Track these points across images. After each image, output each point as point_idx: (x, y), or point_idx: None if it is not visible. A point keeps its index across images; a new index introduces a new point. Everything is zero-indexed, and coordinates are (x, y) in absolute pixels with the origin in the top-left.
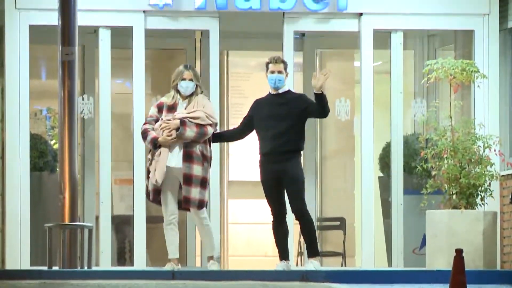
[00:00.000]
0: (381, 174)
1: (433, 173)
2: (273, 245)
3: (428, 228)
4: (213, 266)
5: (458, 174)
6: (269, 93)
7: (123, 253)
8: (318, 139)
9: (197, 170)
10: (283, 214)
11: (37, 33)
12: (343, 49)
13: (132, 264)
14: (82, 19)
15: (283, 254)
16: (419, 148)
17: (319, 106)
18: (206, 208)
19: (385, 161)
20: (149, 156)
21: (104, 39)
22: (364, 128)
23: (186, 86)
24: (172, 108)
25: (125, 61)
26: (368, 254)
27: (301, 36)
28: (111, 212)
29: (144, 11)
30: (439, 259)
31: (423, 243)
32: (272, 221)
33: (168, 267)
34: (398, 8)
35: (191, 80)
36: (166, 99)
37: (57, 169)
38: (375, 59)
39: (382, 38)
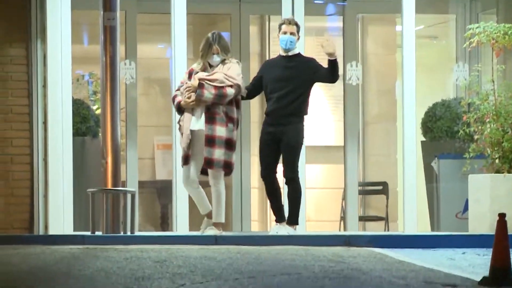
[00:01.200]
0: (423, 139)
1: (476, 137)
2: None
3: (470, 193)
4: (210, 231)
5: (501, 138)
6: (279, 54)
7: (165, 217)
8: (360, 104)
9: (220, 131)
10: (273, 176)
11: None
12: (385, 13)
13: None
14: None
15: (279, 216)
16: (461, 112)
17: (331, 72)
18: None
19: (427, 125)
20: (178, 121)
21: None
22: (406, 93)
23: (215, 60)
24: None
25: (167, 26)
26: (410, 218)
27: (342, 1)
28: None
29: None
30: (482, 224)
31: (466, 208)
32: (265, 183)
33: (204, 223)
34: None
35: (218, 53)
36: (196, 65)
37: (100, 134)
38: (416, 24)
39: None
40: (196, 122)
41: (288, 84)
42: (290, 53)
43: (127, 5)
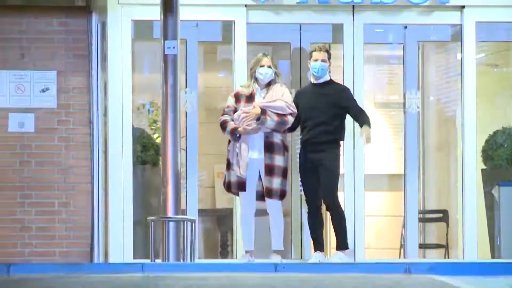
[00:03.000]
0: (484, 167)
1: None
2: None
3: None
4: (275, 259)
5: None
6: (310, 82)
7: (225, 245)
8: (420, 131)
9: (279, 160)
10: (317, 205)
11: (139, 28)
12: (446, 41)
13: (234, 257)
14: (184, 13)
15: (317, 245)
16: None
17: (359, 120)
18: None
19: (487, 153)
20: (229, 147)
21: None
22: (467, 121)
23: (266, 73)
24: (250, 98)
25: (227, 55)
26: (471, 246)
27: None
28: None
29: (246, 5)
30: None
31: None
32: (308, 211)
33: (244, 259)
34: (500, 0)
35: (269, 67)
36: (244, 89)
37: (160, 163)
38: (477, 51)
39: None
40: (254, 151)
41: (321, 111)
42: (321, 80)
43: (188, 34)
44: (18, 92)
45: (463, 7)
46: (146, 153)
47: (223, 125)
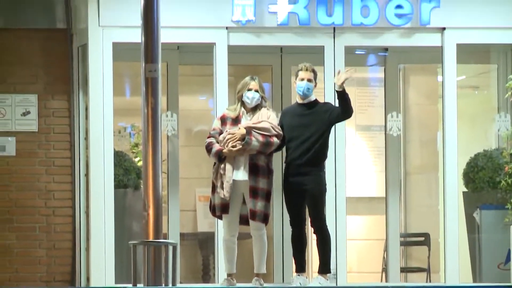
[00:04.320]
0: (465, 189)
1: None
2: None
3: None
4: (257, 283)
5: None
6: (296, 102)
7: (207, 269)
8: (402, 154)
9: (263, 183)
10: (301, 226)
11: (120, 51)
12: (426, 63)
13: (216, 281)
14: (165, 36)
15: (299, 266)
16: (503, 162)
17: (341, 105)
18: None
19: (469, 176)
20: (213, 169)
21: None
22: (448, 143)
23: (252, 97)
24: (236, 121)
25: (209, 77)
26: (452, 270)
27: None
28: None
29: (227, 28)
30: None
31: (508, 258)
32: (291, 232)
33: (225, 283)
34: (481, 22)
35: (257, 91)
36: (230, 112)
37: (141, 186)
38: (458, 74)
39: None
40: (238, 172)
41: (305, 132)
42: (306, 101)
43: (169, 57)
44: None
45: (444, 29)
46: (128, 176)
47: (208, 148)
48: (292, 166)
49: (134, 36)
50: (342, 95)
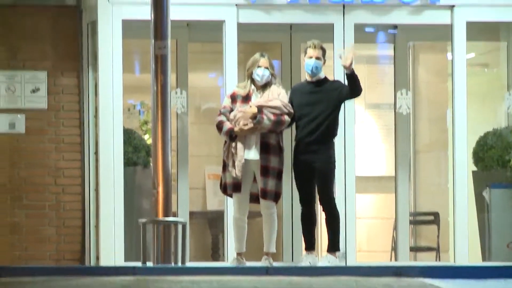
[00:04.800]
0: (475, 168)
1: None
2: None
3: None
4: (266, 262)
5: None
6: (305, 79)
7: (216, 248)
8: (411, 132)
9: (274, 161)
10: (311, 204)
11: (130, 28)
12: (436, 41)
13: (225, 259)
14: (174, 13)
15: (309, 244)
16: None
17: (351, 87)
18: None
19: (478, 155)
20: (224, 148)
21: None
22: (457, 122)
23: (262, 74)
24: (246, 98)
25: (218, 55)
26: (462, 249)
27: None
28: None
29: (236, 5)
30: None
31: None
32: (301, 210)
33: (235, 262)
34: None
35: (266, 68)
36: (240, 89)
37: (151, 164)
38: (468, 51)
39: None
40: (250, 151)
41: (314, 109)
42: (315, 79)
43: (178, 34)
44: (8, 93)
45: (453, 6)
46: (137, 154)
47: (219, 126)
48: (302, 144)
49: (144, 13)
50: (351, 76)
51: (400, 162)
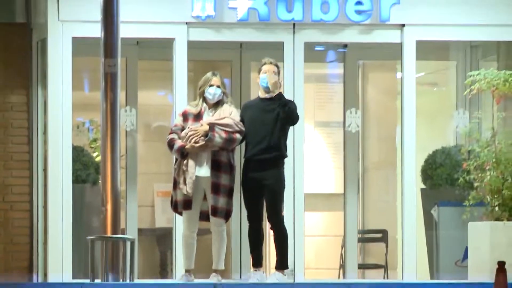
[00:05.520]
0: (423, 186)
1: (476, 184)
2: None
3: (470, 240)
4: (214, 279)
5: (501, 185)
6: (258, 96)
7: (164, 265)
8: (360, 150)
9: (225, 179)
10: (259, 221)
11: (79, 45)
12: (386, 60)
13: (174, 276)
14: (124, 31)
15: (256, 261)
16: (461, 159)
17: (284, 113)
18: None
19: (427, 173)
20: (175, 166)
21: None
22: (406, 140)
23: (214, 93)
24: (198, 117)
25: (168, 73)
26: (410, 266)
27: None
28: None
29: (186, 23)
30: (481, 272)
31: (466, 255)
32: (249, 227)
33: (183, 278)
34: (440, 19)
35: (218, 86)
36: (192, 108)
37: (99, 182)
38: (417, 70)
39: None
40: (201, 168)
41: (266, 126)
42: (268, 95)
43: (128, 52)
44: None
45: (403, 25)
46: (86, 171)
47: (171, 143)
48: (252, 161)
49: (94, 31)
50: (283, 105)
51: (348, 180)
